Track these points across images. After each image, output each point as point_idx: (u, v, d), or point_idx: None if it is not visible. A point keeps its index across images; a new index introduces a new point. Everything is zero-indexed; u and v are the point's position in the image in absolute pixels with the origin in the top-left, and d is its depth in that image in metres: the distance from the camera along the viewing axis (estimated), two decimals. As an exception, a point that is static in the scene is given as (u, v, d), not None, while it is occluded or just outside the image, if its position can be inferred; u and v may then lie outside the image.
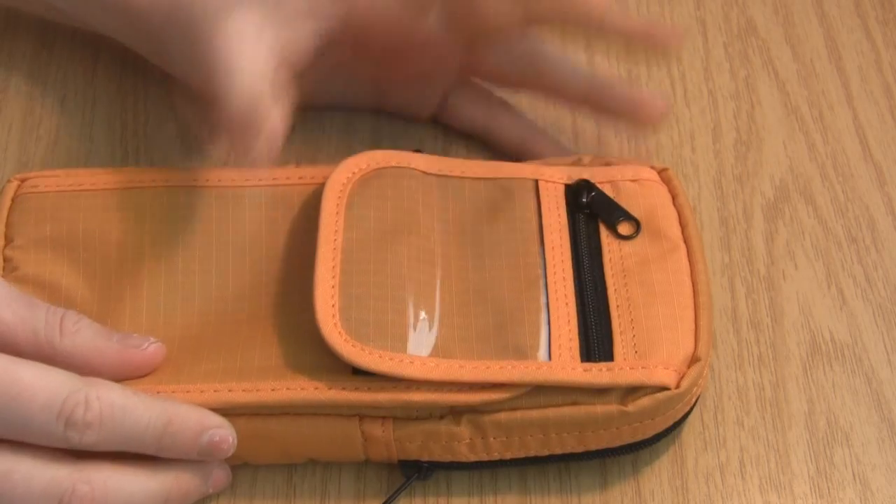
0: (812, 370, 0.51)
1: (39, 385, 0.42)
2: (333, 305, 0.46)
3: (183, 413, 0.44)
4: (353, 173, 0.49)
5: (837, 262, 0.55)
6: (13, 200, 0.50)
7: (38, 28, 0.60)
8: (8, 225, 0.50)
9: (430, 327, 0.46)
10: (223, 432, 0.44)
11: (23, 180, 0.51)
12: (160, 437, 0.43)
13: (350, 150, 0.51)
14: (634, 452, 0.47)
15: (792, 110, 0.60)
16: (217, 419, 0.44)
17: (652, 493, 0.48)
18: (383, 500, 0.47)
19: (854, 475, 0.49)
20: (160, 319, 0.48)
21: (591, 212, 0.50)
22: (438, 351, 0.46)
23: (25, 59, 0.60)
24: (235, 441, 0.45)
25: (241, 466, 0.48)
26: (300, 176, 0.51)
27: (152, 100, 0.58)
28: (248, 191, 0.50)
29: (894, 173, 0.58)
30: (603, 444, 0.46)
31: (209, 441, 0.44)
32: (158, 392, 0.45)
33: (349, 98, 0.57)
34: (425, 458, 0.46)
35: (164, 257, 0.49)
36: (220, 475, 0.46)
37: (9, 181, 0.51)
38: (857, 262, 0.55)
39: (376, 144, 0.57)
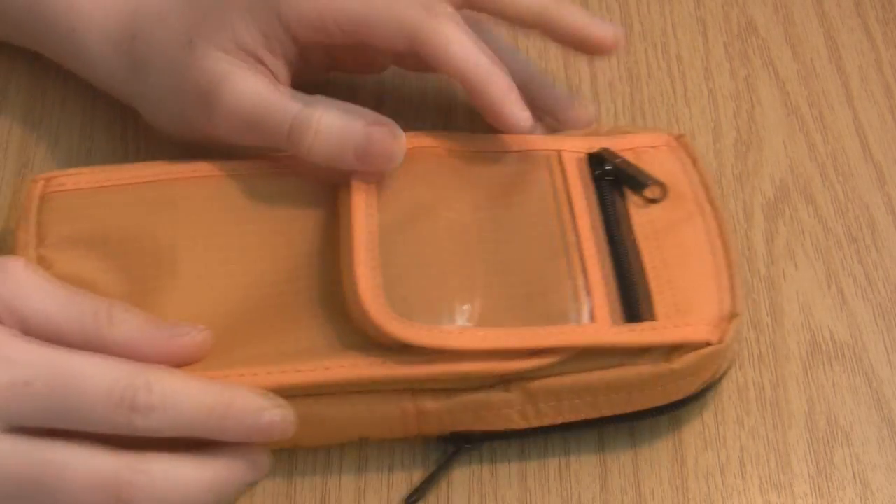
0: (812, 370, 0.51)
1: (98, 372, 0.42)
2: (376, 284, 0.46)
3: (241, 395, 0.44)
4: None
5: (837, 262, 0.55)
6: (41, 200, 0.50)
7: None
8: (38, 224, 0.49)
9: (472, 300, 0.47)
10: (281, 412, 0.44)
11: (48, 179, 0.51)
12: (222, 419, 0.43)
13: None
14: (677, 411, 0.48)
15: (792, 110, 0.60)
16: (274, 400, 0.44)
17: (652, 493, 0.48)
18: (432, 471, 0.48)
19: (854, 475, 0.49)
20: (201, 308, 0.48)
21: (616, 179, 0.51)
22: (483, 321, 0.46)
23: (26, 59, 0.60)
24: (293, 421, 0.44)
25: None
26: None
27: (152, 99, 0.58)
28: (280, 177, 0.51)
29: (894, 173, 0.58)
30: (650, 403, 0.47)
31: (268, 421, 0.44)
32: (211, 377, 0.45)
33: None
34: (478, 427, 0.47)
35: (199, 247, 0.49)
36: (265, 461, 0.46)
37: (32, 181, 0.50)
38: (857, 261, 0.55)
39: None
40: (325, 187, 0.51)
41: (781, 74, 0.61)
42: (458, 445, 0.48)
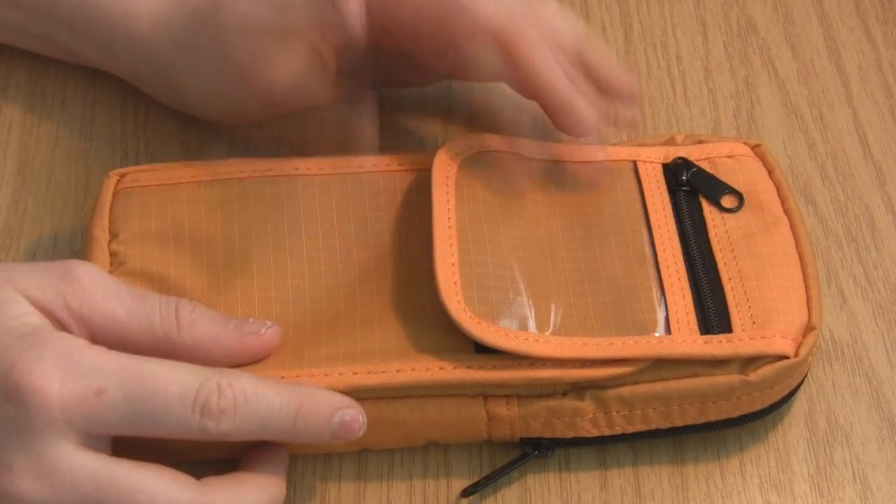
0: (812, 369, 0.51)
1: (171, 378, 0.42)
2: (455, 283, 0.46)
3: (313, 395, 0.44)
4: (457, 154, 0.50)
5: (837, 262, 0.55)
6: (114, 195, 0.50)
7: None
8: (112, 220, 0.50)
9: (548, 306, 0.47)
10: (353, 412, 0.44)
11: (121, 175, 0.51)
12: (294, 420, 0.43)
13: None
14: (749, 423, 0.48)
15: (792, 109, 0.60)
16: (346, 400, 0.44)
17: (652, 492, 0.48)
18: (493, 471, 0.47)
19: (854, 474, 0.49)
20: (273, 305, 0.48)
21: (692, 188, 0.51)
22: (559, 329, 0.46)
23: (26, 58, 0.60)
24: (365, 421, 0.44)
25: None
26: (399, 162, 0.52)
27: (152, 100, 0.58)
28: (350, 178, 0.51)
29: (894, 172, 0.58)
30: (722, 415, 0.47)
31: (340, 421, 0.44)
32: (282, 377, 0.45)
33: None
34: (548, 435, 0.47)
35: (271, 245, 0.49)
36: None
37: (107, 176, 0.51)
38: (857, 261, 0.55)
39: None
40: (398, 188, 0.51)
41: (781, 74, 0.61)
42: (526, 452, 0.47)
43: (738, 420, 0.48)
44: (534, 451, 0.47)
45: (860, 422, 0.50)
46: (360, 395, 0.45)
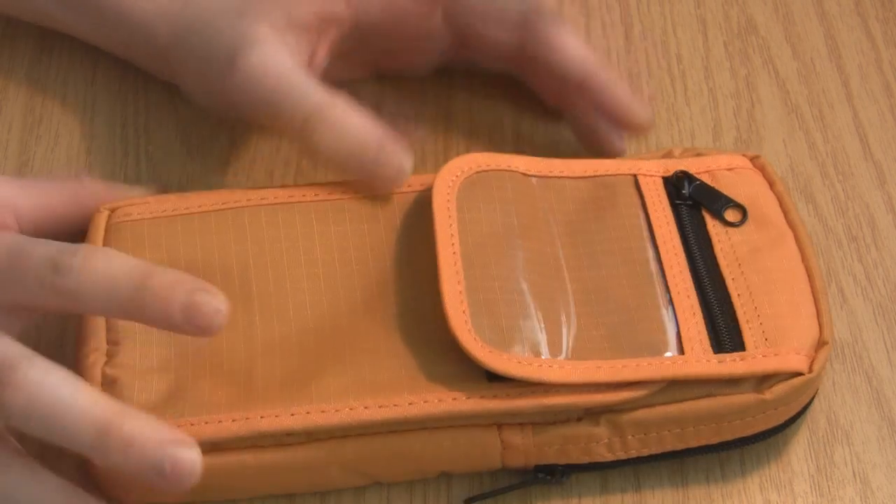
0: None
1: (41, 245, 0.43)
2: (464, 312, 0.45)
3: (169, 273, 0.42)
4: (457, 176, 0.49)
5: (838, 261, 0.55)
6: (107, 231, 0.49)
7: (39, 27, 0.60)
8: None
9: (559, 330, 0.46)
10: (207, 297, 0.42)
11: (112, 210, 0.49)
12: (142, 285, 0.42)
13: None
14: (764, 440, 0.48)
15: (792, 109, 0.60)
16: (206, 284, 0.42)
17: (652, 491, 0.48)
18: (501, 486, 0.47)
19: (854, 473, 0.49)
20: (276, 336, 0.46)
21: (694, 202, 0.50)
22: (572, 353, 0.45)
23: (26, 58, 0.60)
24: (223, 310, 0.42)
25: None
26: (405, 183, 0.50)
27: (152, 99, 0.58)
28: (346, 203, 0.50)
29: (894, 172, 0.58)
30: (738, 434, 0.47)
31: (189, 301, 0.41)
32: (293, 415, 0.44)
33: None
34: (563, 461, 0.46)
35: (271, 275, 0.48)
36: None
37: (97, 212, 0.49)
38: (857, 260, 0.55)
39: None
40: (397, 212, 0.50)
41: (781, 73, 0.61)
42: (539, 477, 0.47)
43: (751, 439, 0.47)
44: (548, 476, 0.46)
45: (860, 421, 0.50)
46: (372, 429, 0.44)
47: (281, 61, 0.49)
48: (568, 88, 0.54)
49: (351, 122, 0.48)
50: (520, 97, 0.58)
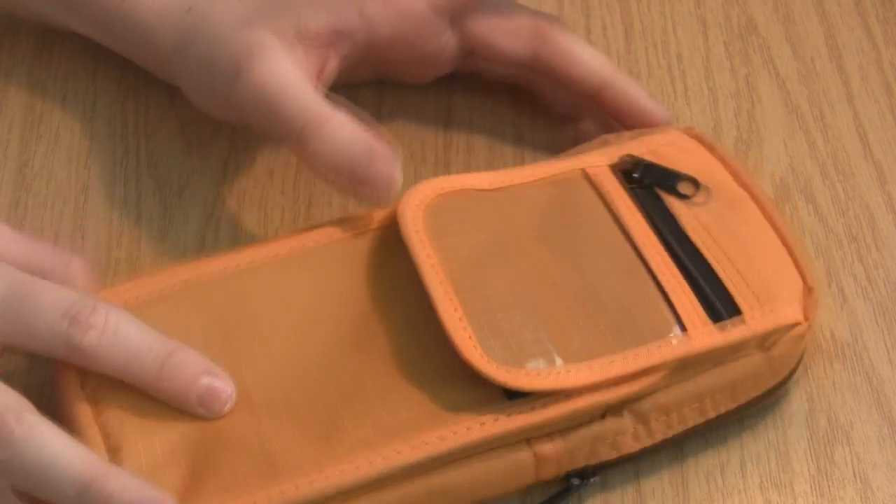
0: (812, 368, 0.51)
1: (53, 290, 0.43)
2: (470, 337, 0.45)
3: (184, 350, 0.44)
4: (416, 206, 0.48)
5: (838, 261, 0.55)
6: None
7: (39, 27, 0.60)
8: None
9: (565, 335, 0.46)
10: (222, 383, 0.43)
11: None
12: (161, 366, 0.43)
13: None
14: (774, 396, 0.49)
15: (792, 109, 0.60)
16: (218, 369, 0.44)
17: (652, 492, 0.48)
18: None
19: (854, 473, 0.49)
20: (277, 398, 0.45)
21: (647, 183, 0.51)
22: (582, 354, 0.45)
23: (26, 58, 0.60)
24: (234, 395, 0.43)
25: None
26: (354, 226, 0.49)
27: (152, 99, 0.58)
28: (312, 251, 0.49)
29: (894, 172, 0.58)
30: (751, 394, 0.48)
31: (208, 386, 0.43)
32: (327, 478, 0.42)
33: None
34: (592, 462, 0.46)
35: (257, 340, 0.46)
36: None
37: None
38: (857, 260, 0.55)
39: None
40: (365, 251, 0.49)
41: (782, 73, 0.61)
42: (572, 484, 0.46)
43: (762, 398, 0.48)
44: (581, 480, 0.46)
45: (861, 421, 0.50)
46: (409, 472, 0.43)
47: (284, 71, 0.49)
48: (582, 97, 0.55)
49: (344, 135, 0.48)
50: (520, 98, 0.58)
